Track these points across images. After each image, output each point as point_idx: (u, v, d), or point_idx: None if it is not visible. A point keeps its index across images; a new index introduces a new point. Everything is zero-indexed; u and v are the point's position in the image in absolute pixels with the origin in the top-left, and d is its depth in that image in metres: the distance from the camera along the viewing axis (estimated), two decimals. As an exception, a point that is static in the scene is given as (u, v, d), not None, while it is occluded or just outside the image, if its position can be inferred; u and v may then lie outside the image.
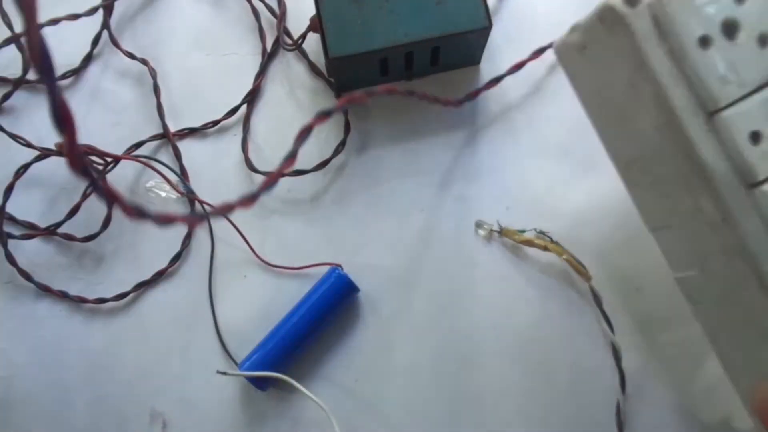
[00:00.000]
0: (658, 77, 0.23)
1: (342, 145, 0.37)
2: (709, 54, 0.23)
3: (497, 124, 0.37)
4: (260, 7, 0.39)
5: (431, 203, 0.36)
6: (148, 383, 0.35)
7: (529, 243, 0.34)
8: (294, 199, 0.37)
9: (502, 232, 0.35)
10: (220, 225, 0.36)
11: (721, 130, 0.23)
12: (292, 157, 0.22)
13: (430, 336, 0.35)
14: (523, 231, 0.35)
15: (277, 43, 0.39)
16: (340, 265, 0.35)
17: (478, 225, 0.36)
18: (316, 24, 0.33)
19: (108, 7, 0.39)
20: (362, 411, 0.34)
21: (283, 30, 0.38)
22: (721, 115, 0.23)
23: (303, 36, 0.37)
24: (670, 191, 0.25)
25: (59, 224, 0.36)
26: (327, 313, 0.34)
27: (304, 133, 0.22)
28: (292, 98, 0.38)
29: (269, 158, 0.38)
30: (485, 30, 0.33)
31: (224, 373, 0.33)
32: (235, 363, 0.34)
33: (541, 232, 0.34)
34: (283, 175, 0.22)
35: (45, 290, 0.36)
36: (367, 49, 0.32)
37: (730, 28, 0.23)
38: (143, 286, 0.36)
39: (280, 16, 0.38)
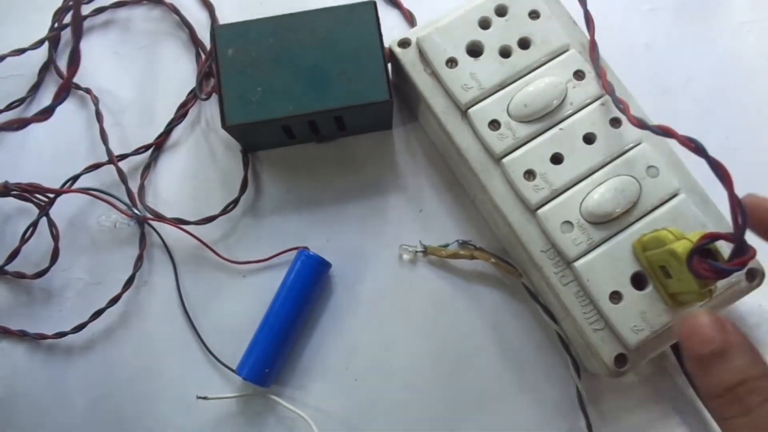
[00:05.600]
0: (421, 92, 0.33)
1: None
2: (455, 71, 0.32)
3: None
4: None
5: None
6: (148, 383, 0.35)
7: (456, 255, 0.35)
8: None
9: (428, 250, 0.35)
10: (173, 238, 0.36)
11: (470, 123, 0.32)
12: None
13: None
14: (447, 245, 0.35)
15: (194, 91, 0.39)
16: (306, 247, 0.35)
17: (402, 250, 0.36)
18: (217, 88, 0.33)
19: (53, 39, 0.39)
20: (362, 408, 0.34)
21: (203, 76, 0.38)
22: (468, 112, 0.32)
23: (209, 93, 0.38)
24: (463, 170, 0.34)
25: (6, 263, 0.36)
26: (306, 296, 0.34)
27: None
28: (202, 144, 0.39)
29: (168, 200, 0.38)
30: (387, 102, 0.32)
31: (204, 398, 0.34)
32: (231, 369, 0.34)
33: (465, 242, 0.35)
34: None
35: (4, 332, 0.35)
36: (265, 118, 0.32)
37: (474, 50, 0.32)
38: (99, 315, 0.35)
39: (203, 61, 0.39)
